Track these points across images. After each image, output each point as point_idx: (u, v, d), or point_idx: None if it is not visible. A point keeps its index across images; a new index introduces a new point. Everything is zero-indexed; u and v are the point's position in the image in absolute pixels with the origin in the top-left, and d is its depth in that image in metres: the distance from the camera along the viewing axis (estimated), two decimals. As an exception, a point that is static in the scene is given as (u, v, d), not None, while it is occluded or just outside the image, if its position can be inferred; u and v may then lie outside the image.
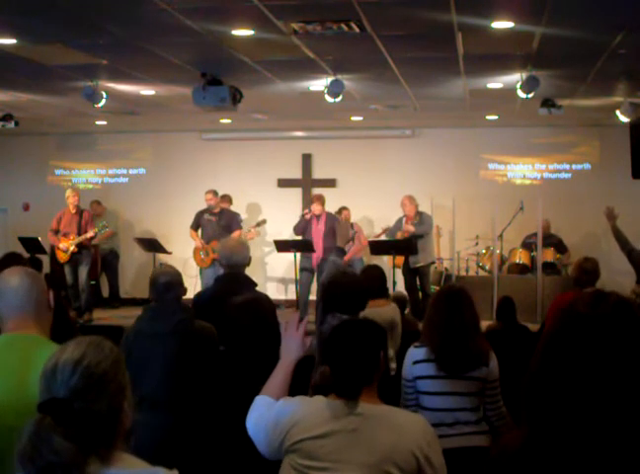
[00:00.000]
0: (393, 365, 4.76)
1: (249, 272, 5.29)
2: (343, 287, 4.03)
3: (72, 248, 10.23)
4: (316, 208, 10.64)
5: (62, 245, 10.28)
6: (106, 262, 12.52)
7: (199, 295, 5.42)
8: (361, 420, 2.51)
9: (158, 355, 3.96)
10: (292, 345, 2.83)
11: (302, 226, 10.73)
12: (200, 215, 11.20)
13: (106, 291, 12.81)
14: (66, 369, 1.78)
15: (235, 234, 10.78)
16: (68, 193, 10.65)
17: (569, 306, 1.52)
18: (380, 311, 4.72)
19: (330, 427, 2.51)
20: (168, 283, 4.13)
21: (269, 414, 2.61)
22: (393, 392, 3.88)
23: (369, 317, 3.07)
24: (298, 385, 2.99)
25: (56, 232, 10.42)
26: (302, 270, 10.64)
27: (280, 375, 2.77)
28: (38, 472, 1.64)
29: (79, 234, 10.27)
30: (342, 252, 10.75)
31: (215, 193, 11.23)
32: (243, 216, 12.24)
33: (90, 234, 10.29)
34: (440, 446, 2.64)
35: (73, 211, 10.45)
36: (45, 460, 1.64)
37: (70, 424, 1.69)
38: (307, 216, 10.66)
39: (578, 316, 1.49)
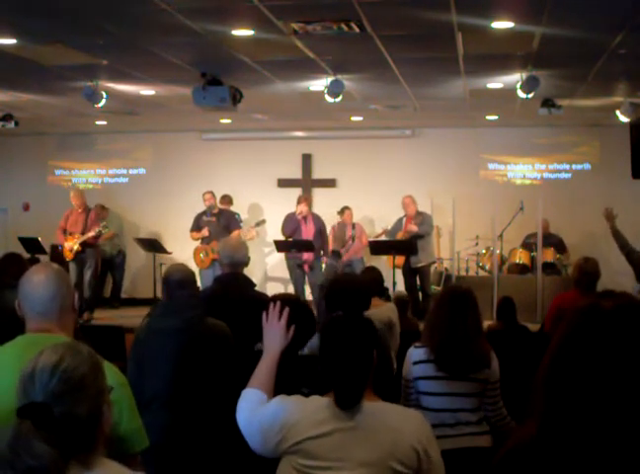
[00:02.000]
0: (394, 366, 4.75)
1: (249, 271, 5.29)
2: (347, 287, 4.02)
3: (76, 247, 10.31)
4: (303, 209, 10.65)
5: (67, 244, 10.42)
6: (114, 263, 12.53)
7: (198, 294, 5.41)
8: (361, 417, 2.51)
9: (169, 352, 3.92)
10: (276, 336, 2.81)
11: (292, 227, 10.73)
12: (199, 218, 11.25)
13: (108, 292, 12.81)
14: (45, 374, 1.77)
15: (234, 234, 10.80)
16: (71, 194, 10.79)
17: (589, 304, 1.52)
18: (376, 311, 4.70)
19: (330, 426, 2.50)
20: (180, 280, 4.11)
21: (262, 412, 2.59)
22: (394, 392, 3.88)
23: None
24: (302, 383, 2.98)
25: (64, 231, 10.54)
26: (293, 268, 10.66)
27: (266, 367, 2.75)
28: None
29: (83, 233, 10.37)
30: (337, 255, 10.74)
31: (213, 193, 11.30)
32: (243, 216, 12.26)
33: (91, 234, 10.36)
34: (441, 446, 2.64)
35: (79, 211, 10.58)
36: (25, 465, 1.62)
37: (50, 428, 1.68)
38: (300, 216, 10.68)
39: (600, 312, 1.48)
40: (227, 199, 12.05)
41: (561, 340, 1.51)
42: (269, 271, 13.05)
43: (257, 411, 2.61)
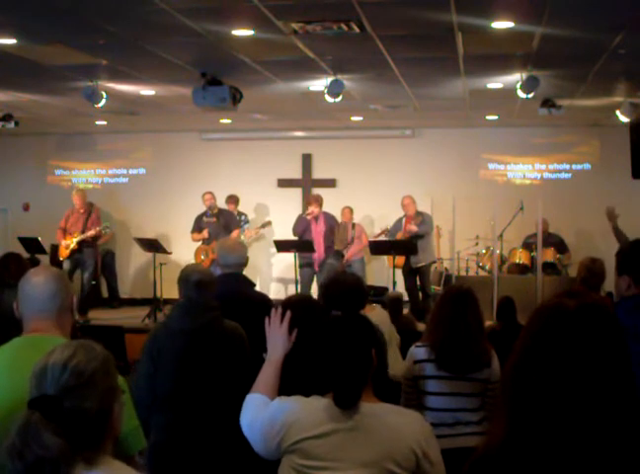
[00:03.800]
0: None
1: (255, 272, 5.27)
2: (343, 286, 4.02)
3: (73, 245, 10.32)
4: (314, 210, 10.64)
5: (64, 242, 10.44)
6: (104, 262, 12.52)
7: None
8: (360, 418, 2.50)
9: (187, 352, 3.92)
10: (278, 341, 2.82)
11: (302, 227, 10.72)
12: (199, 219, 11.25)
13: (105, 292, 12.80)
14: (56, 368, 1.80)
15: (234, 234, 10.81)
16: (74, 194, 10.86)
17: (552, 304, 1.51)
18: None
19: (329, 426, 2.50)
20: (199, 281, 4.11)
21: (264, 414, 2.60)
22: (392, 391, 3.87)
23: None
24: (303, 383, 2.97)
25: (64, 230, 10.56)
26: (302, 266, 10.63)
27: (270, 372, 2.76)
28: (26, 467, 1.64)
29: (83, 233, 10.39)
30: (339, 255, 10.74)
31: (213, 194, 11.31)
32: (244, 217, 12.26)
33: (91, 232, 10.39)
34: (440, 445, 2.63)
35: (81, 211, 10.62)
36: (35, 455, 1.64)
37: (60, 420, 1.70)
38: (309, 217, 10.68)
39: (564, 311, 1.48)
40: (234, 200, 12.03)
41: (525, 340, 1.51)
42: (275, 271, 13.03)
43: (259, 415, 2.62)
